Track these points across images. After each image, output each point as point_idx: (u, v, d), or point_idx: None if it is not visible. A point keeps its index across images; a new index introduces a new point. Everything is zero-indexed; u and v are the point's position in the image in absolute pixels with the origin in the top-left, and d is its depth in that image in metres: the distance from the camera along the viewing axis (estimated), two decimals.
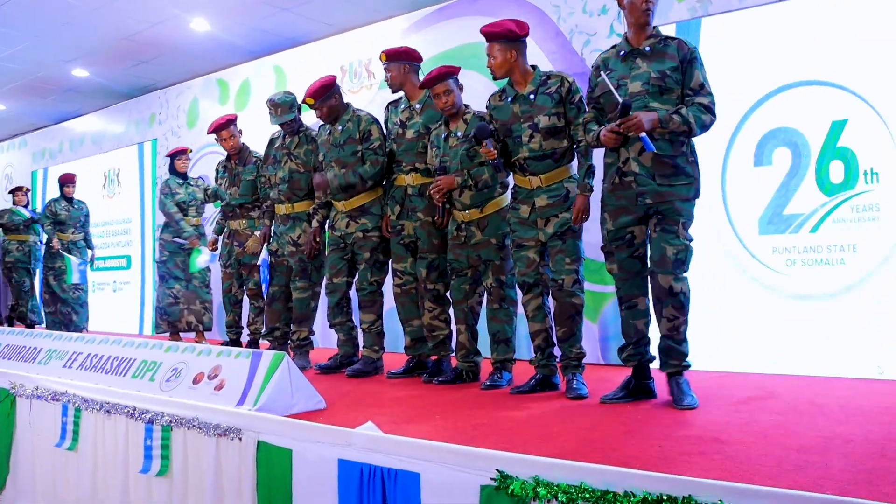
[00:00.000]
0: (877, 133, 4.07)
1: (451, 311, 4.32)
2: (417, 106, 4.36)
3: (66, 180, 7.86)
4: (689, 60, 3.27)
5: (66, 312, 7.78)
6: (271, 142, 5.10)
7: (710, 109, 3.23)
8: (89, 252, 8.01)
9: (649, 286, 3.41)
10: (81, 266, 7.68)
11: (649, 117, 3.14)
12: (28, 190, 8.67)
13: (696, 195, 3.31)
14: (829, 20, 4.22)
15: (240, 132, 5.42)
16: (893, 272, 4.00)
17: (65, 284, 7.67)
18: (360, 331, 4.73)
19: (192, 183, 6.31)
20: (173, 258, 6.26)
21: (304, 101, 4.55)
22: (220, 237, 5.58)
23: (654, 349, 3.48)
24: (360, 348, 4.73)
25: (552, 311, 3.80)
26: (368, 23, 6.55)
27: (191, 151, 6.52)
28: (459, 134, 4.01)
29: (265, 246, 5.14)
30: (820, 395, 3.53)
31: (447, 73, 4.03)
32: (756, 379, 4.05)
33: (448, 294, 4.32)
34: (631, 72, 3.32)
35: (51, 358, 4.37)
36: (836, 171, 4.18)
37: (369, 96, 6.35)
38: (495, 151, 3.71)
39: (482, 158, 3.86)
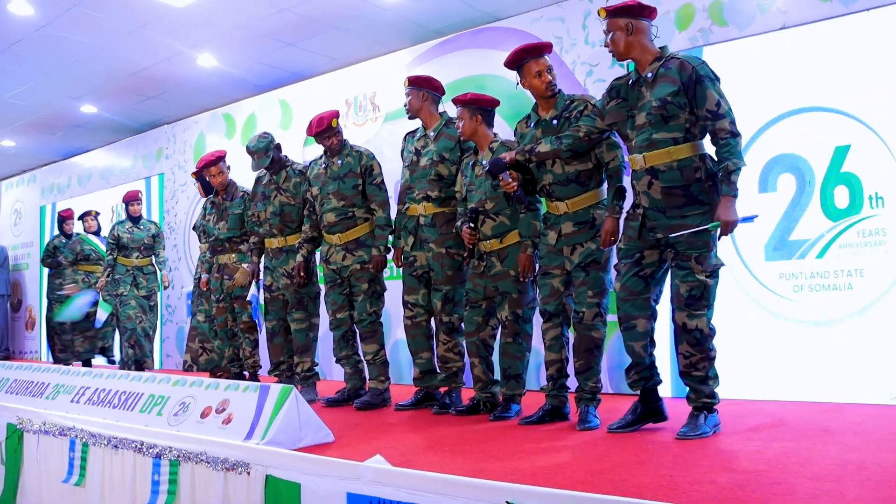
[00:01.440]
0: (881, 158, 4.07)
1: (464, 342, 4.30)
2: (432, 134, 4.39)
3: (130, 198, 7.22)
4: (695, 80, 3.15)
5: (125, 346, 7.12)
6: (258, 180, 5.15)
7: (734, 133, 3.13)
8: (161, 276, 7.27)
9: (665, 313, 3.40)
10: (92, 307, 7.32)
11: (728, 209, 3.07)
12: (97, 213, 8.20)
13: (711, 222, 3.16)
14: (831, 47, 4.24)
15: (228, 168, 5.46)
16: None
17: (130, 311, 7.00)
18: (364, 363, 4.73)
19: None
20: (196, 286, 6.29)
21: (325, 127, 4.55)
22: (210, 273, 5.58)
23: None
24: (367, 380, 4.72)
25: (571, 342, 3.77)
26: (372, 56, 6.62)
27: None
28: (484, 162, 4.02)
29: (254, 283, 5.15)
30: (831, 422, 3.51)
31: (466, 102, 4.05)
32: (766, 406, 4.02)
33: (462, 326, 4.31)
34: (637, 102, 3.31)
35: (58, 392, 4.37)
36: (841, 197, 4.19)
37: (374, 129, 6.39)
38: (515, 184, 3.71)
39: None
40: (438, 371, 4.44)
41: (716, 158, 3.21)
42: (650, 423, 3.42)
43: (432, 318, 4.46)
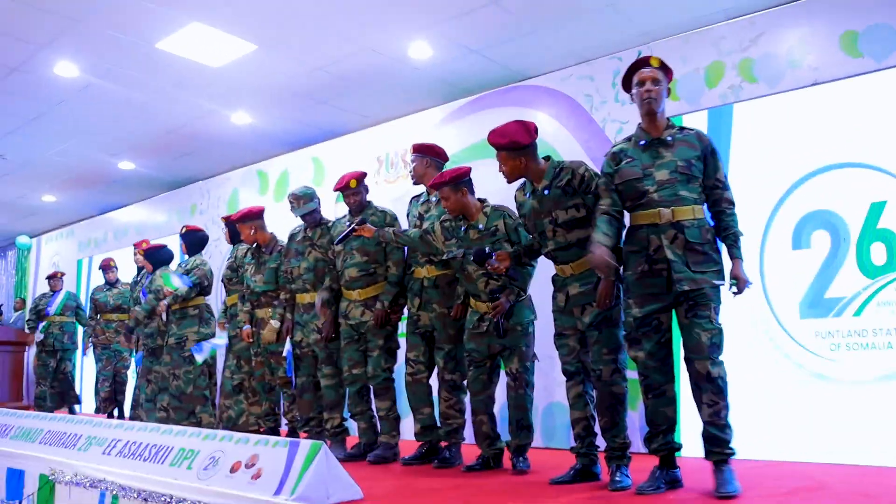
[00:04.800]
0: None
1: (465, 400, 4.39)
2: (434, 199, 4.49)
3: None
4: (711, 152, 3.38)
5: None
6: (292, 237, 5.21)
7: (734, 203, 3.40)
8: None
9: (681, 373, 3.38)
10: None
11: (741, 270, 3.29)
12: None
13: (723, 279, 3.32)
14: (863, 102, 4.24)
15: (262, 227, 5.51)
16: None
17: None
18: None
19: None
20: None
21: (344, 186, 4.68)
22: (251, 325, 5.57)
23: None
24: (379, 435, 4.76)
25: (595, 400, 3.75)
26: (404, 115, 6.73)
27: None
28: (481, 227, 4.07)
29: (288, 339, 5.16)
30: (873, 486, 3.41)
31: (442, 182, 4.09)
32: (804, 468, 3.92)
33: (463, 383, 4.40)
34: (655, 161, 3.36)
35: (90, 444, 4.38)
36: (878, 253, 4.13)
37: (405, 186, 6.43)
38: (503, 266, 3.77)
39: (507, 249, 3.91)
40: (439, 425, 4.51)
41: (717, 224, 3.39)
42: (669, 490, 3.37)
43: (432, 375, 4.54)
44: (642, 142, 3.43)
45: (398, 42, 5.42)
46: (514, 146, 3.69)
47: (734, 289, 3.28)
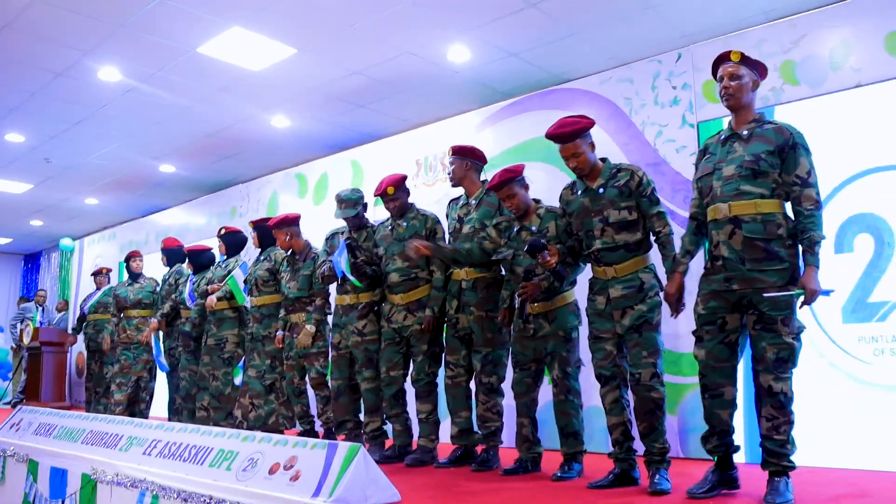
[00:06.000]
0: None
1: (503, 403, 4.41)
2: (473, 202, 4.49)
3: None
4: (791, 146, 3.19)
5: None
6: (333, 235, 5.25)
7: (819, 204, 3.16)
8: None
9: (739, 377, 3.32)
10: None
11: (813, 279, 3.06)
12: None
13: (794, 282, 3.14)
14: None
15: (298, 234, 5.54)
16: None
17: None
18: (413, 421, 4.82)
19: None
20: None
21: (382, 192, 4.69)
22: (283, 330, 5.60)
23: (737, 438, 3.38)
24: (416, 438, 4.78)
25: (632, 404, 3.71)
26: (442, 118, 6.75)
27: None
28: (534, 228, 4.06)
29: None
30: None
31: (508, 179, 4.04)
32: (846, 475, 3.86)
33: (501, 387, 4.41)
34: (727, 156, 3.30)
35: (131, 444, 4.44)
36: None
37: (444, 189, 6.45)
38: (553, 260, 3.74)
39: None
40: (476, 430, 4.52)
41: (795, 226, 3.19)
42: (724, 490, 3.34)
43: (472, 379, 4.54)
44: (723, 136, 3.39)
45: (437, 45, 5.43)
46: (584, 129, 3.73)
47: (801, 299, 3.10)
